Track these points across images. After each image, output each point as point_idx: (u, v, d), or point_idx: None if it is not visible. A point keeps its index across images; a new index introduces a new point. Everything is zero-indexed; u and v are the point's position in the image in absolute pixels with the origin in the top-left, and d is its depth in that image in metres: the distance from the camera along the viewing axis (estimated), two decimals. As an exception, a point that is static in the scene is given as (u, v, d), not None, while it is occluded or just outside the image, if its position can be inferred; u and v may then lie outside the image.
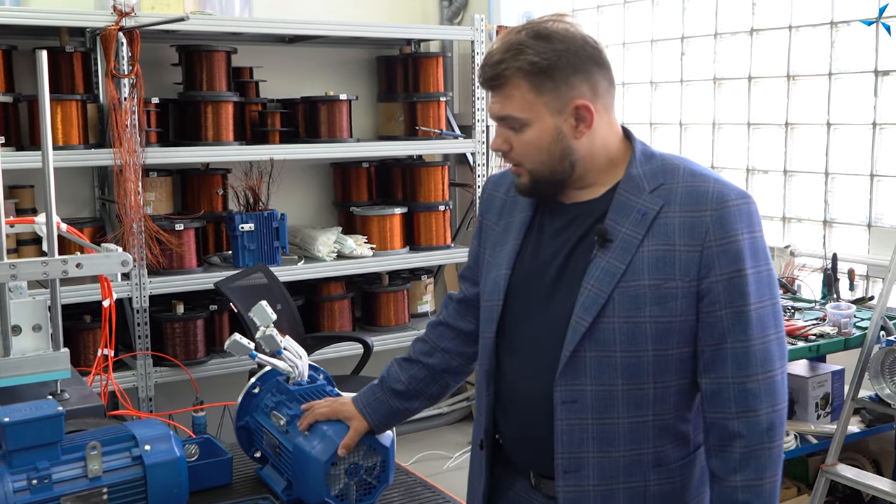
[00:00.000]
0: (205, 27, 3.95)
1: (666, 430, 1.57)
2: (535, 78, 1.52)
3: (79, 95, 3.82)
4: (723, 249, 1.50)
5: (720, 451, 1.55)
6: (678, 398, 1.57)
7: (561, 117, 1.54)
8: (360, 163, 4.67)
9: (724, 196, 1.53)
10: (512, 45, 1.54)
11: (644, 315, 1.51)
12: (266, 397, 2.04)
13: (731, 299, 1.51)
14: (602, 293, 1.52)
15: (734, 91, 4.24)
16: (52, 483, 1.65)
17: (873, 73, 3.64)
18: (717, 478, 1.56)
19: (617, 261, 1.53)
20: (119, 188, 3.76)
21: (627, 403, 1.54)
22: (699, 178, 1.56)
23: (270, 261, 4.10)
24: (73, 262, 2.07)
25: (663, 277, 1.51)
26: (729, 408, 1.52)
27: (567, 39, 1.53)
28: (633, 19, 4.74)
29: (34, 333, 2.12)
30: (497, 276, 1.66)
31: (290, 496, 1.90)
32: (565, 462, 1.57)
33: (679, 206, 1.53)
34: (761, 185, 4.17)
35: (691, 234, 1.51)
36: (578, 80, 1.53)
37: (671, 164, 1.59)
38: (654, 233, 1.52)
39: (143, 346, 3.88)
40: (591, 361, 1.53)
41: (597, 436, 1.55)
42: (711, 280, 1.51)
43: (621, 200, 1.56)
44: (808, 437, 3.33)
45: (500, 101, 1.57)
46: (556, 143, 1.55)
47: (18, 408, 1.69)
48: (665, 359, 1.54)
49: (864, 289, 3.71)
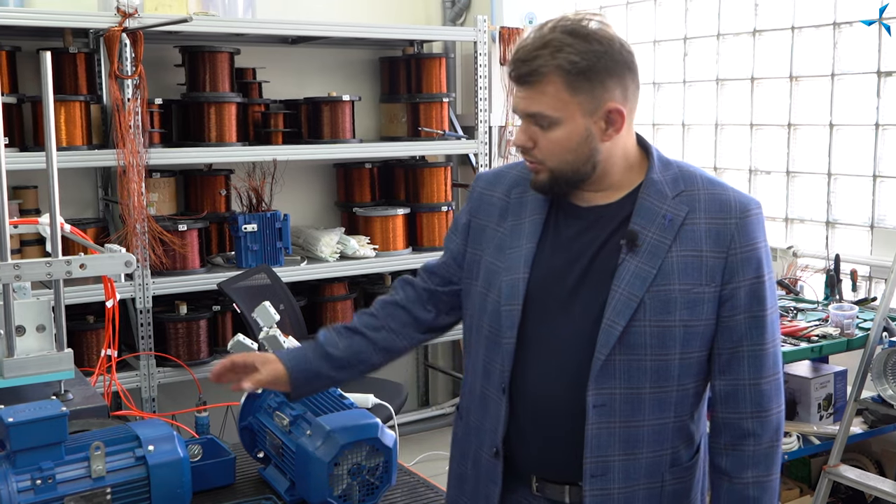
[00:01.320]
0: (208, 28, 3.96)
1: (682, 431, 1.61)
2: (573, 78, 1.50)
3: (82, 96, 3.82)
4: (746, 257, 1.55)
5: (733, 449, 1.60)
6: (694, 400, 1.61)
7: (592, 119, 1.54)
8: (362, 163, 4.67)
9: (746, 205, 1.58)
10: (548, 41, 1.51)
11: (674, 319, 1.54)
12: (269, 398, 2.04)
13: (751, 305, 1.56)
14: (634, 297, 1.53)
15: (737, 92, 4.24)
16: (56, 483, 1.66)
17: (876, 73, 3.64)
18: (728, 475, 1.60)
19: (647, 265, 1.54)
20: (122, 189, 3.76)
21: (653, 406, 1.56)
22: (718, 187, 1.60)
23: (273, 261, 4.11)
24: (76, 262, 2.08)
25: (693, 283, 1.54)
26: (745, 408, 1.58)
27: (605, 41, 1.52)
28: (636, 20, 4.74)
29: (38, 334, 2.13)
30: (514, 280, 1.62)
31: (292, 496, 1.91)
32: (593, 466, 1.56)
33: (704, 213, 1.56)
34: (764, 186, 4.16)
35: (717, 241, 1.55)
36: (613, 84, 1.53)
37: (688, 171, 1.62)
38: (681, 238, 1.55)
39: (147, 346, 3.88)
40: (622, 365, 1.54)
41: (623, 438, 1.56)
42: (734, 286, 1.55)
43: (645, 205, 1.57)
44: (811, 438, 3.32)
45: (531, 97, 1.53)
46: (584, 144, 1.55)
47: (22, 408, 1.70)
48: (688, 362, 1.57)
49: (866, 290, 3.71)
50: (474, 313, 1.70)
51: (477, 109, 4.65)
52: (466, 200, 1.78)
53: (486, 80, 4.64)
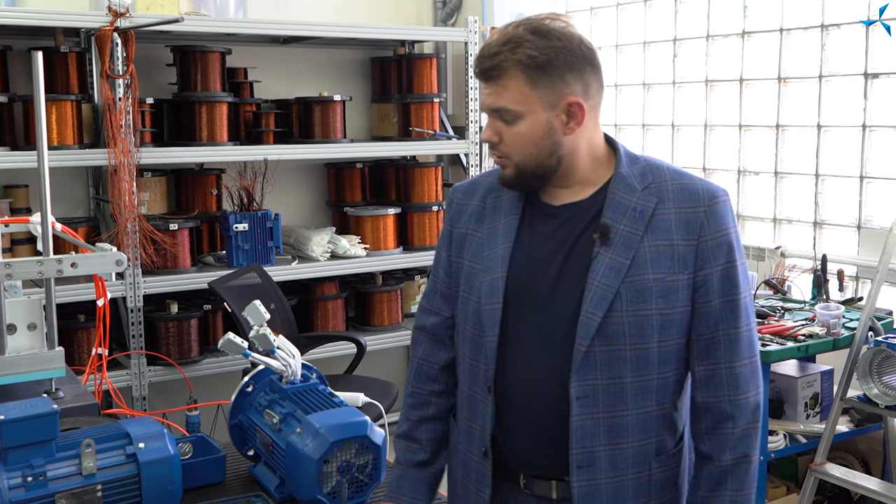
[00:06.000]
0: (199, 28, 3.97)
1: (665, 419, 1.63)
2: (532, 72, 1.55)
3: (73, 95, 3.83)
4: (717, 243, 1.59)
5: (714, 432, 1.63)
6: (675, 387, 1.64)
7: (553, 112, 1.57)
8: (353, 163, 4.69)
9: (714, 193, 1.62)
10: (510, 38, 1.56)
11: (651, 308, 1.57)
12: (259, 396, 2.06)
13: (724, 289, 1.59)
14: (610, 288, 1.56)
15: (726, 93, 4.26)
16: (47, 480, 1.67)
17: (863, 75, 3.66)
18: (709, 459, 1.63)
19: (620, 256, 1.57)
20: (113, 188, 3.77)
21: (635, 395, 1.59)
22: (685, 178, 1.64)
23: (264, 261, 4.12)
24: (68, 261, 2.09)
25: (666, 271, 1.57)
26: (723, 392, 1.61)
27: (564, 37, 1.56)
28: (626, 21, 4.76)
29: (29, 332, 2.13)
30: (492, 280, 1.65)
31: (282, 494, 1.92)
32: (580, 457, 1.59)
33: (673, 204, 1.60)
34: (752, 187, 4.19)
35: (687, 229, 1.59)
36: (573, 78, 1.57)
37: (654, 164, 1.66)
38: (652, 229, 1.58)
39: (137, 345, 3.89)
40: (602, 355, 1.57)
41: (608, 428, 1.59)
42: (707, 272, 1.59)
43: (616, 199, 1.61)
44: (798, 437, 3.35)
45: (494, 92, 1.59)
46: (546, 137, 1.59)
47: (13, 406, 1.70)
48: (667, 349, 1.60)
49: (853, 290, 3.74)
50: (460, 318, 1.73)
51: (467, 109, 4.67)
52: (445, 213, 1.81)
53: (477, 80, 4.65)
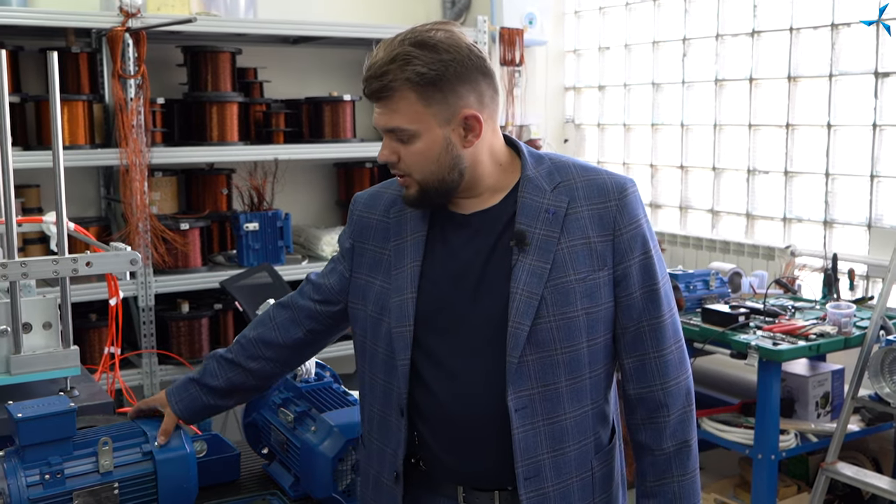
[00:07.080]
0: (210, 28, 3.98)
1: (599, 416, 1.63)
2: (424, 89, 1.50)
3: (85, 96, 3.84)
4: (631, 235, 1.59)
5: (649, 422, 1.63)
6: (606, 382, 1.64)
7: (449, 127, 1.54)
8: (363, 163, 4.69)
9: (622, 185, 1.61)
10: (397, 55, 1.51)
11: (576, 309, 1.55)
12: (273, 394, 2.07)
13: (643, 280, 1.60)
14: (534, 295, 1.53)
15: (736, 92, 4.26)
16: (65, 478, 1.68)
17: (874, 74, 3.66)
18: (649, 448, 1.63)
19: (540, 261, 1.55)
20: (125, 188, 3.78)
21: (571, 398, 1.57)
22: (592, 172, 1.63)
23: (275, 260, 4.13)
24: (83, 260, 2.10)
25: (587, 270, 1.56)
26: (653, 381, 1.62)
27: (453, 49, 1.51)
28: (636, 21, 4.76)
29: (44, 331, 2.15)
30: (402, 301, 1.59)
31: (297, 492, 1.93)
32: (525, 468, 1.56)
33: (585, 201, 1.59)
34: (762, 186, 4.19)
35: (601, 225, 1.58)
36: (465, 90, 1.53)
37: (560, 162, 1.64)
38: (568, 229, 1.57)
39: (149, 344, 3.90)
40: (534, 364, 1.54)
41: (549, 436, 1.56)
42: (626, 265, 1.58)
43: (527, 203, 1.58)
44: (809, 436, 3.35)
45: (387, 112, 1.54)
46: (445, 153, 1.55)
47: (31, 404, 1.72)
48: (596, 347, 1.59)
49: (864, 289, 3.74)
50: (366, 338, 1.67)
51: (477, 109, 4.67)
52: (347, 223, 1.76)
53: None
